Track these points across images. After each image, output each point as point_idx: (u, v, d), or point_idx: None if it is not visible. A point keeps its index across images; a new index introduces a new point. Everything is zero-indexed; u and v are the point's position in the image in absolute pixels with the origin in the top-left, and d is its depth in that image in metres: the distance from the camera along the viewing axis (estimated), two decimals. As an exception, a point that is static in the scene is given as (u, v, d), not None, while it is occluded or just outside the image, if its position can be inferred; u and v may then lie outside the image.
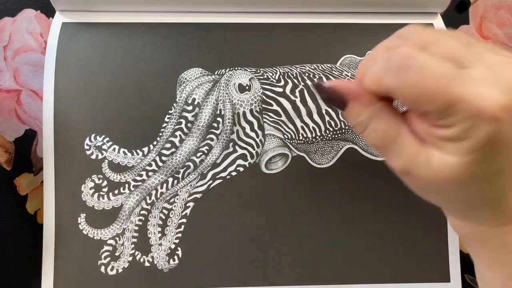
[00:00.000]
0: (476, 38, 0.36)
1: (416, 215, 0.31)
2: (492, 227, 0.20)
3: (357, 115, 0.21)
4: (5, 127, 0.33)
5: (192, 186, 0.31)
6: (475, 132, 0.17)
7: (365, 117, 0.20)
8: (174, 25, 0.32)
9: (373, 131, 0.20)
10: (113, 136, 0.30)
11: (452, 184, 0.18)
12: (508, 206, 0.19)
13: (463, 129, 0.17)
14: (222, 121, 0.31)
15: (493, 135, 0.17)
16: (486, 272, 0.22)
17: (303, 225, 0.31)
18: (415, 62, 0.18)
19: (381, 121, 0.20)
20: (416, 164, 0.19)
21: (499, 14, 0.36)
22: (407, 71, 0.18)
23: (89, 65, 0.31)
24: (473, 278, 0.33)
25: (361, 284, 0.31)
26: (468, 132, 0.17)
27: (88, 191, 0.30)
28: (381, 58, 0.19)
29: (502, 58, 0.18)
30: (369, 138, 0.21)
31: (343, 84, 0.21)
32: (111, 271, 0.30)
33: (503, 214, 0.20)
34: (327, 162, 0.31)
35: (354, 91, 0.21)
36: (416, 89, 0.18)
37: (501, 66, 0.18)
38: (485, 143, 0.17)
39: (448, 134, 0.18)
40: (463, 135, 0.17)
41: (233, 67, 0.31)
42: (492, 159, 0.17)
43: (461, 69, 0.18)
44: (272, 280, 0.30)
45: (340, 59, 0.32)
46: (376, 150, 0.21)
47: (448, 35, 0.20)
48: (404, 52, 0.18)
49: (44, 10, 0.34)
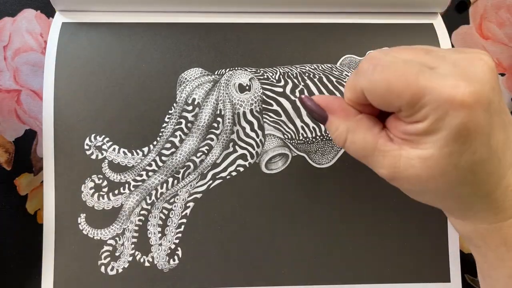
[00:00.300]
0: (476, 38, 0.36)
1: (416, 215, 0.31)
2: (491, 224, 0.20)
3: (335, 128, 0.22)
4: (5, 127, 0.33)
5: (192, 186, 0.31)
6: (446, 122, 0.17)
7: (343, 130, 0.22)
8: (174, 25, 0.32)
9: (351, 143, 0.21)
10: (113, 136, 0.30)
11: (438, 179, 0.19)
12: (502, 198, 0.19)
13: (435, 120, 0.17)
14: (222, 121, 0.31)
15: (465, 123, 0.17)
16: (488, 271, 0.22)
17: (303, 225, 0.31)
18: (381, 62, 0.19)
19: (357, 134, 0.21)
20: (399, 167, 0.19)
21: (499, 14, 0.36)
22: (374, 71, 0.19)
23: (89, 65, 0.31)
24: (473, 278, 0.33)
25: (361, 284, 0.31)
26: (439, 123, 0.17)
27: (88, 191, 0.30)
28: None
29: (464, 55, 0.19)
30: (349, 150, 0.22)
31: (324, 99, 0.23)
32: (111, 271, 0.30)
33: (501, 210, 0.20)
34: (327, 162, 0.31)
35: (333, 106, 0.22)
36: (384, 86, 0.18)
37: (464, 62, 0.18)
38: (459, 131, 0.17)
39: (422, 128, 0.18)
40: (436, 126, 0.18)
41: (233, 67, 0.31)
42: (471, 148, 0.18)
43: (427, 68, 0.18)
44: (272, 280, 0.30)
45: (340, 59, 0.32)
46: (360, 161, 0.22)
47: (407, 47, 0.21)
48: (371, 55, 0.19)
49: (44, 10, 0.34)
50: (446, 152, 0.18)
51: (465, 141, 0.17)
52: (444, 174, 0.18)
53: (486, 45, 0.36)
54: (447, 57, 0.19)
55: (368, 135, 0.21)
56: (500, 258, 0.21)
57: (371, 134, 0.21)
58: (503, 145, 0.19)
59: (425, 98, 0.17)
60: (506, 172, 0.19)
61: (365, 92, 0.20)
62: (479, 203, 0.20)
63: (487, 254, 0.21)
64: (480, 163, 0.18)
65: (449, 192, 0.20)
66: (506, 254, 0.20)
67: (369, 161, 0.21)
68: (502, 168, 0.19)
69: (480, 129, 0.17)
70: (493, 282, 0.22)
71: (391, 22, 0.33)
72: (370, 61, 0.19)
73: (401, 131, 0.19)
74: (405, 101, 0.18)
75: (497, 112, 0.18)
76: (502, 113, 0.19)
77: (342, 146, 0.22)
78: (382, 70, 0.19)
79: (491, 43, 0.36)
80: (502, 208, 0.20)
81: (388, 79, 0.18)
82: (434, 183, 0.19)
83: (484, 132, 0.18)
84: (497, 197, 0.19)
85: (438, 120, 0.17)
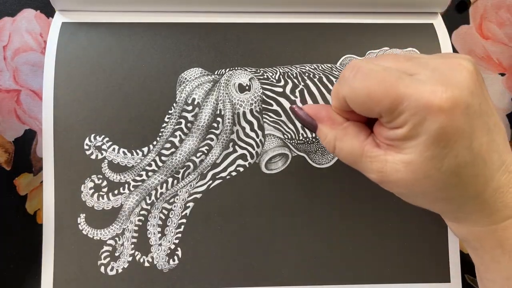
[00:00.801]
0: (476, 38, 0.36)
1: (416, 215, 0.31)
2: (485, 226, 0.21)
3: (324, 136, 0.23)
4: (5, 127, 0.33)
5: (192, 186, 0.31)
6: (425, 127, 0.18)
7: (331, 138, 0.23)
8: (174, 25, 0.32)
9: (340, 150, 0.22)
10: (112, 136, 0.30)
11: (423, 183, 0.19)
12: (493, 200, 0.20)
13: (414, 125, 0.18)
14: (222, 121, 0.31)
15: (443, 127, 0.17)
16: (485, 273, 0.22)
17: (303, 225, 0.31)
18: (362, 70, 0.19)
19: (344, 141, 0.22)
20: (386, 172, 0.20)
21: (499, 14, 0.36)
22: (355, 78, 0.19)
23: (88, 65, 0.31)
24: (473, 278, 0.33)
25: (361, 284, 0.31)
26: (418, 128, 0.18)
27: (87, 191, 0.30)
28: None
29: (444, 60, 0.19)
30: (339, 156, 0.23)
31: (313, 109, 0.24)
32: (111, 271, 0.30)
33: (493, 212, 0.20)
34: (327, 162, 0.31)
35: (321, 115, 0.23)
36: (364, 93, 0.19)
37: (444, 67, 0.19)
38: (438, 136, 0.18)
39: (402, 133, 0.19)
40: (415, 131, 0.18)
41: (233, 67, 0.31)
42: (452, 152, 0.18)
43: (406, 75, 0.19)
44: (272, 280, 0.30)
45: (340, 59, 0.32)
46: (352, 166, 0.23)
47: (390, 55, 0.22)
48: (353, 63, 0.20)
49: (43, 10, 0.34)
50: (428, 156, 0.18)
51: (445, 145, 0.18)
52: (428, 177, 0.19)
53: (486, 45, 0.36)
54: (428, 63, 0.19)
55: (355, 142, 0.21)
56: (496, 260, 0.21)
57: (358, 141, 0.21)
58: (488, 148, 0.19)
59: (404, 104, 0.18)
60: (494, 175, 0.19)
61: (347, 100, 0.20)
62: (469, 205, 0.20)
63: (483, 256, 0.22)
64: (464, 166, 0.18)
65: (436, 194, 0.20)
66: (502, 257, 0.20)
67: (358, 166, 0.22)
68: (489, 170, 0.19)
69: (460, 133, 0.18)
70: (490, 284, 0.22)
71: (391, 22, 0.33)
72: (351, 69, 0.20)
73: (384, 137, 0.20)
74: (385, 107, 0.18)
75: (477, 116, 0.18)
76: (484, 116, 0.19)
77: (332, 153, 0.23)
78: (362, 78, 0.19)
79: (491, 43, 0.36)
80: (494, 210, 0.20)
81: (368, 86, 0.19)
82: (420, 186, 0.19)
83: (465, 135, 0.18)
84: (487, 199, 0.20)
85: (417, 125, 0.18)
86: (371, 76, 0.19)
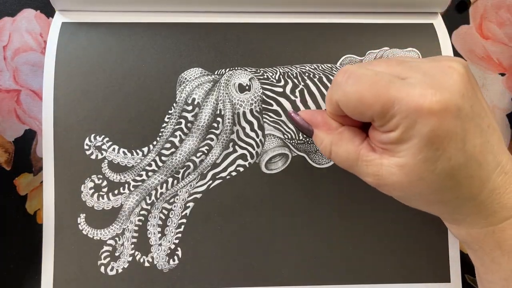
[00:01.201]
0: (476, 38, 0.36)
1: (416, 215, 0.31)
2: (483, 227, 0.21)
3: (320, 141, 0.23)
4: (4, 127, 0.33)
5: (192, 186, 0.31)
6: (416, 130, 0.18)
7: (327, 143, 0.23)
8: (174, 25, 0.32)
9: (336, 155, 0.23)
10: (112, 136, 0.30)
11: (417, 185, 0.19)
12: (489, 201, 0.20)
13: (405, 129, 0.18)
14: (222, 121, 0.31)
15: (434, 130, 0.18)
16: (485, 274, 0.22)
17: (303, 225, 0.31)
18: (354, 75, 0.20)
19: (340, 146, 0.22)
20: (382, 175, 0.20)
21: (499, 14, 0.36)
22: (347, 83, 0.20)
23: (88, 65, 0.31)
24: (473, 278, 0.33)
25: (361, 284, 0.31)
26: (410, 132, 0.18)
27: (87, 191, 0.30)
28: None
29: (436, 63, 0.20)
30: (335, 161, 0.23)
31: (308, 114, 0.24)
32: (111, 271, 0.30)
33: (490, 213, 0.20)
34: (327, 162, 0.31)
35: (316, 120, 0.24)
36: (356, 97, 0.19)
37: (435, 71, 0.19)
38: (429, 139, 0.18)
39: (394, 137, 0.19)
40: (407, 135, 0.18)
41: (233, 67, 0.31)
42: (445, 154, 0.18)
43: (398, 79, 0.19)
44: (272, 280, 0.30)
45: (340, 59, 0.32)
46: (348, 170, 0.23)
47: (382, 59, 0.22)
48: (345, 68, 0.20)
49: (44, 10, 0.34)
50: (421, 159, 0.18)
51: (438, 148, 0.18)
52: (422, 179, 0.19)
53: (486, 45, 0.36)
54: (419, 66, 0.19)
55: (350, 147, 0.22)
56: (496, 261, 0.21)
57: (353, 145, 0.22)
58: (482, 149, 0.19)
59: (395, 107, 0.18)
60: (489, 176, 0.19)
61: (340, 104, 0.21)
62: (466, 207, 0.20)
63: (483, 257, 0.22)
64: (458, 168, 0.18)
65: (432, 197, 0.20)
66: (501, 258, 0.20)
67: (355, 170, 0.22)
68: (484, 172, 0.19)
69: (452, 135, 0.18)
70: (490, 285, 0.22)
71: (391, 22, 0.33)
72: (343, 74, 0.20)
73: (378, 141, 0.20)
74: (376, 111, 0.19)
75: (469, 118, 0.18)
76: (477, 118, 0.19)
77: (328, 158, 0.23)
78: (354, 82, 0.19)
79: (491, 43, 0.36)
80: (491, 211, 0.20)
81: (359, 90, 0.19)
82: (415, 188, 0.19)
83: (457, 138, 0.18)
84: (483, 200, 0.20)
85: (408, 128, 0.18)
86: (362, 81, 0.19)
